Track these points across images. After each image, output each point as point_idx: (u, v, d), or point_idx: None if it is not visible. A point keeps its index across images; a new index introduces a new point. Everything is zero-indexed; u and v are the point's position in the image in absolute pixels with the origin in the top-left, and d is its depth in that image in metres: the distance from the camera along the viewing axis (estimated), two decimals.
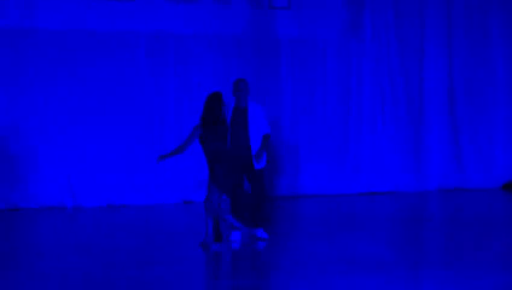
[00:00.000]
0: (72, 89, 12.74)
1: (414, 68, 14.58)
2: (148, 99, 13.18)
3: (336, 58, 14.21)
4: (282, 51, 13.91)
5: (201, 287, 7.50)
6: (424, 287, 7.48)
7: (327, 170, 14.14)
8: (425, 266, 8.25)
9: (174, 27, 13.25)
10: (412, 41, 14.53)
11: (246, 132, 9.55)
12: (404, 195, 14.15)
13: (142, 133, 13.08)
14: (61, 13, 12.68)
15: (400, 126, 14.56)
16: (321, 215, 12.27)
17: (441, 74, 14.71)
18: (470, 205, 13.27)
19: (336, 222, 11.41)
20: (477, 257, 8.57)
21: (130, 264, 8.37)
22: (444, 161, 14.73)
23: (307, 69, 14.05)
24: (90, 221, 11.83)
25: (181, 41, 13.29)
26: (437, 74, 14.68)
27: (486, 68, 14.90)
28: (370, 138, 14.40)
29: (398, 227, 11.08)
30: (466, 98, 14.83)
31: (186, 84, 13.33)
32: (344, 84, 14.28)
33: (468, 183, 14.76)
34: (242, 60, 13.59)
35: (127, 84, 13.06)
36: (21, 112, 12.58)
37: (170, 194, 13.23)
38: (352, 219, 11.91)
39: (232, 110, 9.64)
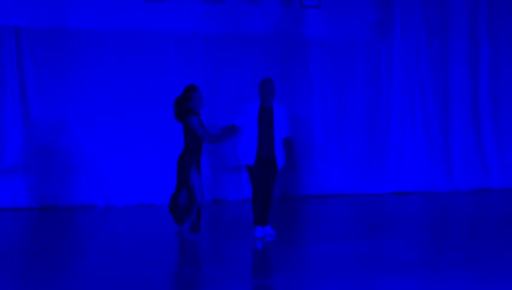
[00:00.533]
0: (102, 90, 12.87)
1: (442, 69, 14.50)
2: None
3: (366, 57, 14.20)
4: (311, 50, 13.91)
5: (223, 287, 7.49)
6: (451, 288, 7.41)
7: (355, 170, 14.12)
8: (454, 267, 8.16)
9: (204, 26, 13.30)
10: (440, 41, 14.45)
11: (271, 132, 9.66)
12: (430, 195, 14.07)
13: (173, 133, 13.12)
14: (92, 13, 12.82)
15: (429, 126, 14.49)
16: (348, 215, 12.23)
17: (466, 75, 14.62)
18: (497, 205, 13.17)
19: (363, 222, 11.37)
20: (505, 257, 8.50)
21: (153, 262, 8.45)
22: (469, 162, 14.62)
23: (337, 68, 14.04)
24: (121, 220, 11.93)
25: (210, 40, 13.35)
26: (462, 75, 14.59)
27: (511, 69, 14.77)
28: (398, 137, 14.36)
29: (423, 227, 11.04)
30: (490, 98, 14.72)
31: (215, 83, 13.37)
32: (373, 84, 14.26)
33: (493, 184, 14.66)
34: (272, 59, 13.61)
35: (158, 85, 13.13)
36: (56, 114, 12.74)
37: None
38: (379, 219, 11.88)
39: (258, 110, 9.70)
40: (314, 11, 13.84)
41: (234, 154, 12.84)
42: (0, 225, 11.58)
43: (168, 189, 13.06)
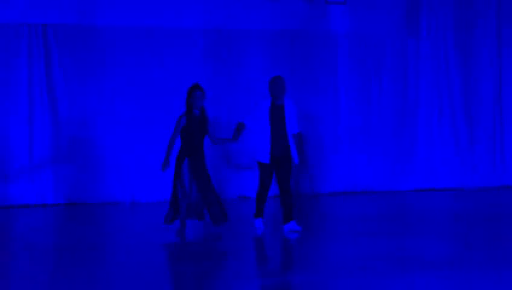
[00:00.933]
0: (130, 87, 12.92)
1: (468, 67, 14.44)
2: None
3: (392, 54, 14.16)
4: (337, 47, 13.90)
5: (242, 284, 7.51)
6: (481, 287, 7.38)
7: (382, 166, 14.09)
8: (484, 266, 8.12)
9: (230, 23, 13.32)
10: (467, 39, 14.40)
11: (284, 129, 9.75)
12: (455, 192, 14.05)
13: None
14: (119, 10, 12.89)
15: (456, 124, 14.44)
16: (375, 212, 12.19)
17: (491, 73, 14.57)
18: None
19: (390, 219, 11.35)
20: None
21: (171, 258, 8.50)
22: (491, 159, 14.58)
23: (362, 64, 14.02)
24: (146, 216, 11.99)
25: (235, 37, 13.37)
26: (488, 74, 14.54)
27: None
28: (425, 135, 14.33)
29: (451, 224, 11.02)
30: None
31: (241, 80, 13.39)
32: (400, 80, 14.22)
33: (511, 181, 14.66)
34: (297, 56, 13.62)
35: (186, 82, 13.13)
36: (83, 112, 12.84)
37: (226, 189, 13.31)
38: (406, 216, 11.84)
39: (269, 108, 9.77)
40: (339, 8, 13.84)
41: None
42: (27, 220, 11.69)
43: None
